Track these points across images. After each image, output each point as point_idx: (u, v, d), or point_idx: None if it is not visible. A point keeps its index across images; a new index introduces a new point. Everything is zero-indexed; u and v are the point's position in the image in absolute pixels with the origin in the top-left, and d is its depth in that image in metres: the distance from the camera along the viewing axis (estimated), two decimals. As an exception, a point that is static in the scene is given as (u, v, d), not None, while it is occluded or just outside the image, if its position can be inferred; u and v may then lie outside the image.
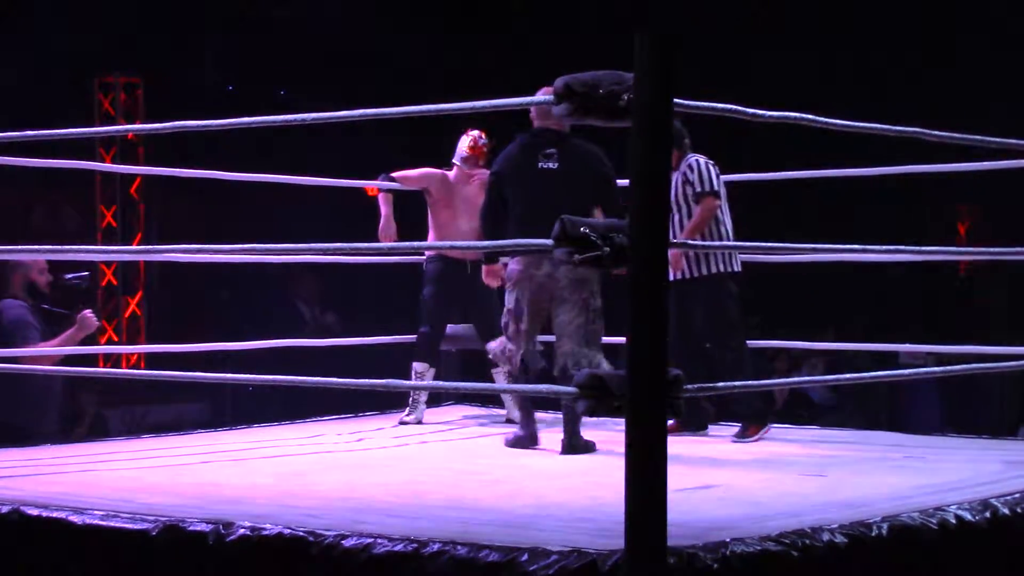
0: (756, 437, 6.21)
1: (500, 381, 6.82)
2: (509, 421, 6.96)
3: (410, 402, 7.01)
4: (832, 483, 4.94)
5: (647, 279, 3.50)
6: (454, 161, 7.14)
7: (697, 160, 6.42)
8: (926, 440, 6.45)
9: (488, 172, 6.44)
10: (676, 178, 6.38)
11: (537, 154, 6.01)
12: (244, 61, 12.17)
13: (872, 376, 5.30)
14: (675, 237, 6.20)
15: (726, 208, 6.48)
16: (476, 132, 7.14)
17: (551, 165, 5.99)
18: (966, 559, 4.12)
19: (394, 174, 7.13)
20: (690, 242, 6.20)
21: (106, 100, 12.19)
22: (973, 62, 11.23)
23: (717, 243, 6.44)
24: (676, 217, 6.37)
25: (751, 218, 6.93)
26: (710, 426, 6.55)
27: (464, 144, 7.12)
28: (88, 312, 6.50)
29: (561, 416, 6.05)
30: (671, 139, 3.64)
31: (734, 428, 6.37)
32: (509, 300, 6.13)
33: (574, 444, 5.87)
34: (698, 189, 6.35)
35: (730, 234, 6.47)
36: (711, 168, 6.41)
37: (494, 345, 6.32)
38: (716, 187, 6.36)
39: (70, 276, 6.60)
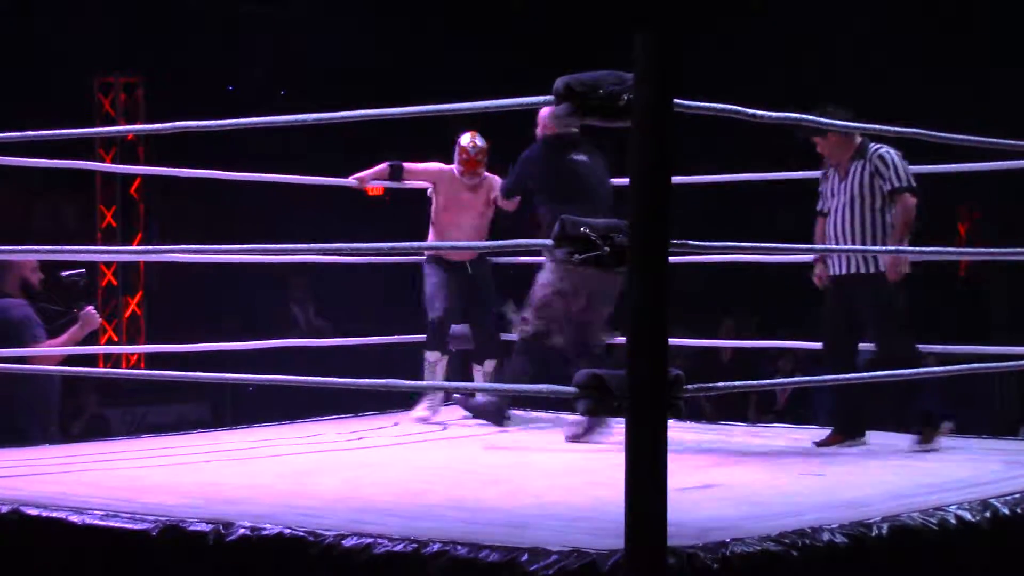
0: (932, 445, 5.93)
1: (479, 379, 7.05)
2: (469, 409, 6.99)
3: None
4: (832, 483, 4.94)
5: (647, 279, 3.50)
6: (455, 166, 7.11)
7: (888, 151, 5.99)
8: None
9: (493, 176, 7.00)
10: (856, 168, 5.98)
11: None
12: (244, 61, 12.18)
13: (871, 376, 5.28)
14: (852, 229, 5.94)
15: None
16: (468, 141, 7.01)
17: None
18: (966, 559, 4.12)
19: (405, 164, 7.11)
20: (692, 243, 6.14)
21: (106, 100, 12.20)
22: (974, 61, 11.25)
23: (729, 243, 6.30)
24: (857, 205, 5.96)
25: (749, 218, 6.92)
26: (714, 425, 6.52)
27: (457, 158, 7.05)
28: (91, 309, 6.49)
29: (557, 415, 6.05)
30: (671, 138, 3.62)
31: (734, 427, 6.34)
32: (563, 283, 6.25)
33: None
34: (896, 184, 5.92)
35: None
36: (903, 161, 6.00)
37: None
38: (913, 183, 5.96)
39: (67, 273, 6.56)
